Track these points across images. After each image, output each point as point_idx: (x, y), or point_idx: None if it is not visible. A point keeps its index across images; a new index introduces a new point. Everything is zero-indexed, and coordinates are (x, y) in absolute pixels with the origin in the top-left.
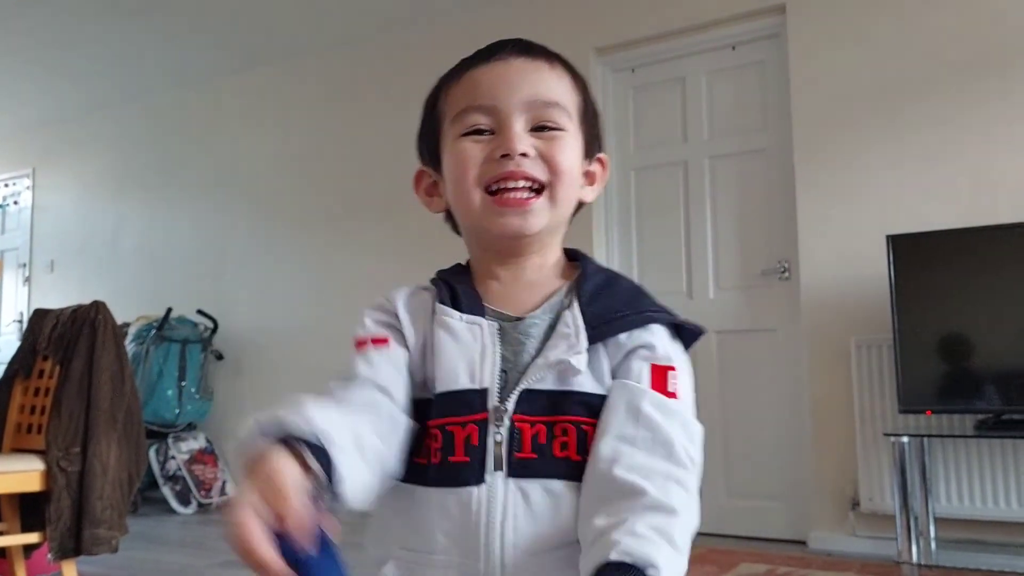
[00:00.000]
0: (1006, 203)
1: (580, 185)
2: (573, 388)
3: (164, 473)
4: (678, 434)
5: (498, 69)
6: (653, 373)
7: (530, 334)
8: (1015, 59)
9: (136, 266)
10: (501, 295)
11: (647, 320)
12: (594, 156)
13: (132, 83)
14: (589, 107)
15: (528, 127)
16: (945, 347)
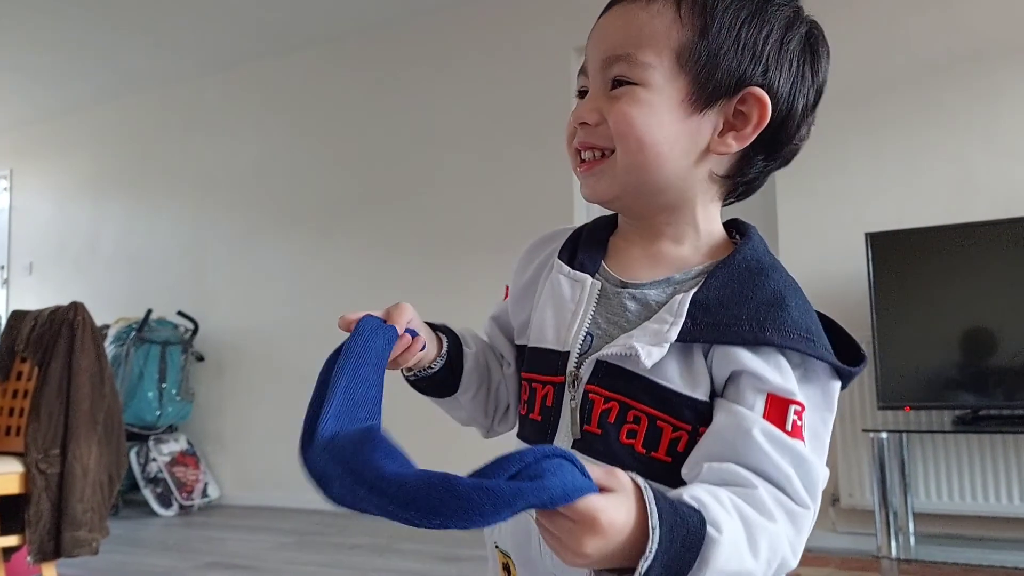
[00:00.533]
0: (983, 201)
1: (694, 140)
2: (655, 378)
3: (145, 475)
4: (790, 471)
5: (599, 23)
6: (769, 403)
7: (631, 306)
8: (989, 60)
9: (115, 268)
10: (626, 257)
11: (763, 342)
12: (725, 97)
13: (110, 83)
14: (710, 39)
15: (607, 86)
16: (923, 344)
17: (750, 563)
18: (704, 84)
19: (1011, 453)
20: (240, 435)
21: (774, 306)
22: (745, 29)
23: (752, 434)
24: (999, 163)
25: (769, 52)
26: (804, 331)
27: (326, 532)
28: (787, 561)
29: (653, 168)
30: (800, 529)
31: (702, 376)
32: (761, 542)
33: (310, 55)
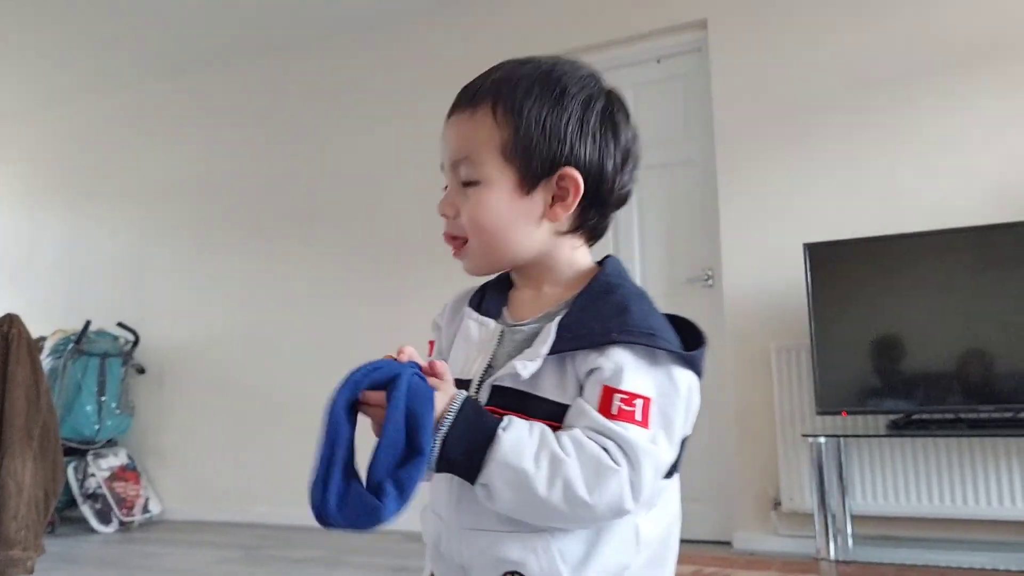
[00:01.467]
0: (912, 213)
1: (530, 216)
2: (535, 392)
3: (83, 491)
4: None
5: (443, 135)
6: (601, 395)
7: (516, 339)
8: (919, 75)
9: (52, 278)
10: (519, 302)
11: (607, 341)
12: (544, 179)
13: (49, 89)
14: (523, 137)
15: (459, 183)
16: (859, 351)
17: (529, 466)
18: (527, 171)
19: (942, 456)
20: (182, 449)
21: (619, 313)
22: (548, 120)
23: (576, 425)
24: (928, 176)
25: (571, 134)
26: (646, 328)
27: (272, 546)
28: (575, 489)
29: (503, 246)
30: (604, 478)
31: (571, 384)
32: (542, 456)
33: (260, 64)
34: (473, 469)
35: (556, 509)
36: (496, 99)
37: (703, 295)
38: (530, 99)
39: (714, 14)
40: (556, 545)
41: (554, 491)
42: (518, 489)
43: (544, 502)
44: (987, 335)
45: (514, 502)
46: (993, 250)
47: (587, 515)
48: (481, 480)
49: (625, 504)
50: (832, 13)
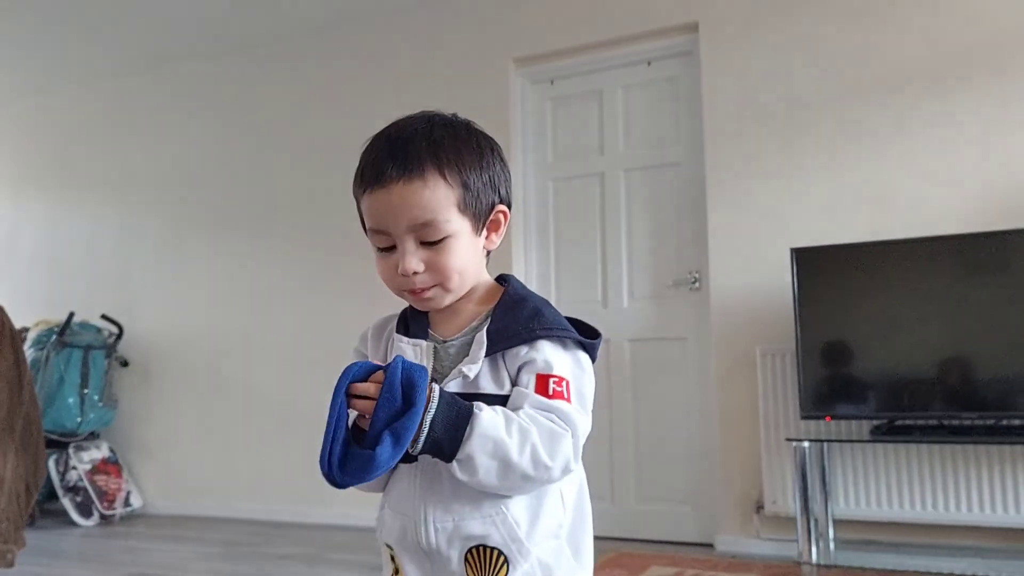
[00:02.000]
0: (899, 220)
1: (479, 250)
2: (478, 391)
3: (64, 484)
4: (552, 416)
5: (382, 198)
6: (537, 381)
7: (451, 351)
8: (909, 83)
9: (35, 269)
10: (440, 321)
11: (535, 337)
12: (488, 218)
13: (31, 78)
14: (472, 191)
15: (417, 242)
16: (844, 356)
17: (504, 435)
18: (477, 217)
19: (925, 462)
20: (166, 442)
21: (535, 316)
22: (484, 175)
23: (525, 404)
24: (915, 183)
25: (497, 181)
26: (557, 325)
27: (254, 542)
28: (539, 454)
29: (466, 283)
30: (558, 441)
31: (505, 377)
32: (512, 427)
33: (243, 56)
34: (456, 443)
35: (524, 472)
36: (439, 165)
37: (689, 298)
38: (465, 161)
39: (705, 17)
40: (511, 515)
41: (524, 456)
42: (495, 456)
43: (516, 466)
44: (970, 342)
45: (491, 469)
46: (977, 257)
47: (545, 476)
48: (461, 455)
49: (571, 464)
50: (822, 19)
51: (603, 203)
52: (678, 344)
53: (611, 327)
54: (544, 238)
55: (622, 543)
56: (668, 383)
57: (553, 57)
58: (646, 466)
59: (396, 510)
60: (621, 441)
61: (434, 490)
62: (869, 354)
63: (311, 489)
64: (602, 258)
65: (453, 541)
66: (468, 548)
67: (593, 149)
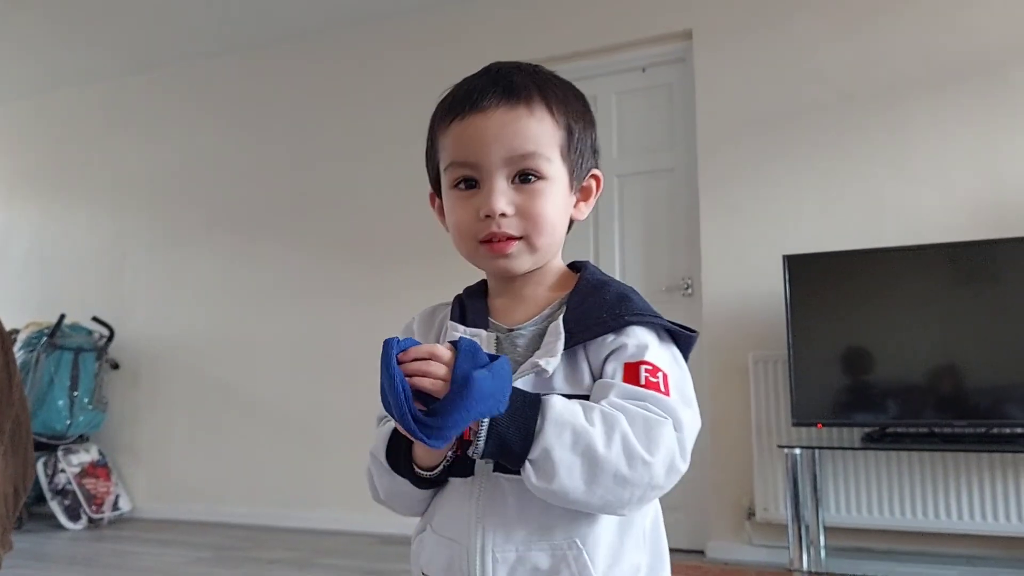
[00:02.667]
0: (892, 227)
1: (568, 213)
2: (549, 390)
3: (53, 487)
4: (647, 403)
5: (478, 123)
6: (625, 370)
7: (519, 343)
8: (902, 92)
9: (27, 271)
10: (504, 309)
11: (623, 323)
12: (584, 178)
13: (27, 78)
14: (576, 137)
15: (510, 178)
16: (836, 364)
17: (584, 423)
18: (576, 172)
19: (916, 469)
20: (155, 446)
21: (623, 300)
22: (587, 127)
23: (610, 394)
24: (907, 192)
25: (596, 143)
26: (650, 312)
27: (244, 547)
28: (633, 446)
29: (556, 243)
30: (657, 430)
31: (585, 374)
32: (594, 415)
33: (236, 59)
34: (527, 437)
35: (618, 471)
36: (546, 99)
37: (682, 304)
38: (571, 106)
39: (699, 25)
40: (586, 552)
41: (613, 447)
42: (576, 450)
43: (606, 461)
44: (962, 350)
45: (573, 468)
46: (969, 266)
47: (647, 477)
48: (535, 452)
49: (677, 460)
50: (816, 27)
51: (596, 209)
52: None
53: None
54: None
55: None
56: None
57: (548, 63)
58: None
59: (443, 535)
60: None
61: (495, 511)
62: (862, 361)
63: (301, 493)
64: (595, 263)
65: (514, 574)
66: None
67: None
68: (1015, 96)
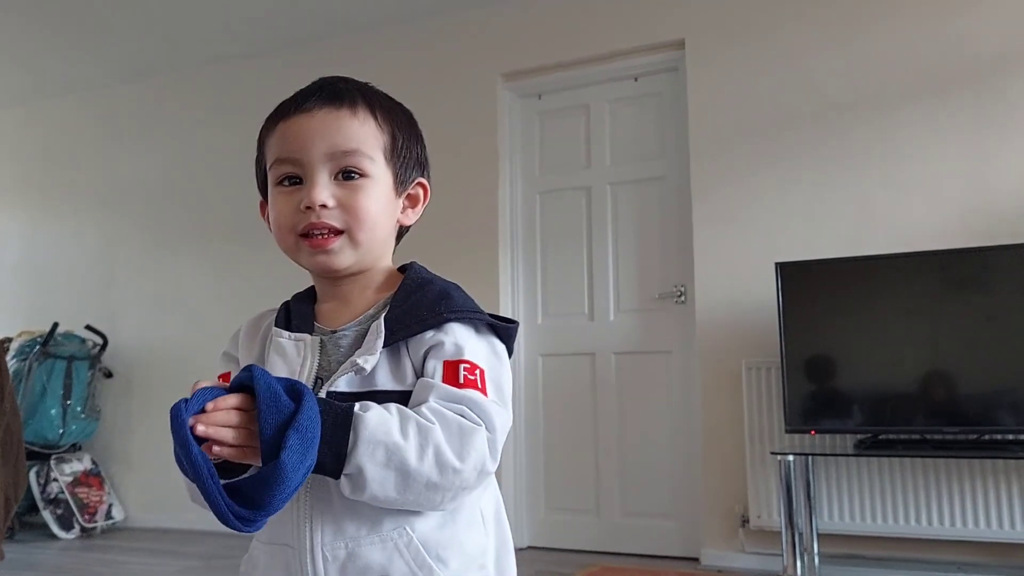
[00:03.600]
0: (883, 235)
1: (394, 216)
2: (374, 388)
3: (45, 496)
4: (463, 408)
5: (302, 122)
6: (444, 369)
7: (342, 343)
8: (893, 101)
9: (19, 279)
10: (328, 313)
11: (443, 320)
12: (410, 184)
13: (16, 86)
14: (400, 143)
15: (332, 175)
16: (828, 370)
17: (398, 439)
18: (401, 174)
19: (908, 476)
20: (148, 455)
21: (443, 298)
22: (412, 136)
23: (430, 396)
24: (896, 200)
25: (422, 153)
26: (469, 308)
27: (235, 556)
28: (445, 456)
29: (378, 242)
30: (469, 438)
31: (408, 370)
32: (409, 427)
33: (228, 67)
34: (340, 454)
35: (429, 480)
36: (372, 105)
37: (674, 311)
38: (395, 114)
39: (692, 34)
40: (417, 538)
41: (426, 460)
42: (389, 465)
43: (417, 474)
44: (953, 357)
45: (386, 482)
46: (960, 273)
47: (457, 482)
48: (348, 468)
49: (487, 464)
50: (808, 36)
51: (589, 217)
52: (663, 357)
53: (597, 340)
54: (530, 251)
55: (606, 557)
56: (653, 396)
57: (541, 72)
58: (631, 479)
59: (276, 542)
60: (606, 454)
61: (323, 509)
62: (853, 368)
63: None
64: (588, 271)
65: (346, 574)
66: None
67: (580, 163)
68: (1005, 105)
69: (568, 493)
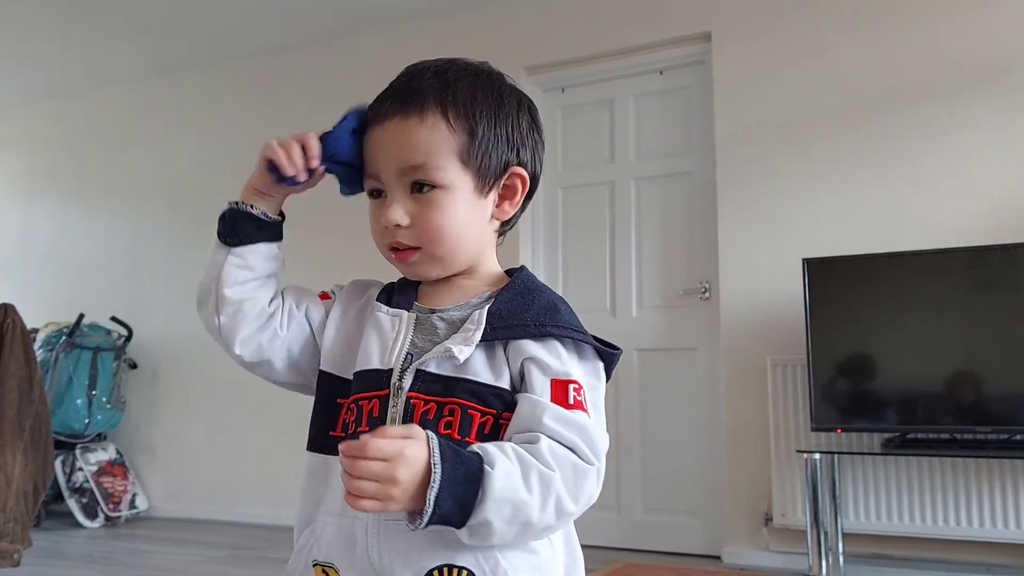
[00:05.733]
0: (911, 231)
1: (482, 217)
2: (465, 376)
3: (70, 485)
4: (575, 439)
5: (377, 135)
6: (553, 388)
7: (441, 325)
8: (921, 95)
9: (46, 270)
10: (431, 292)
11: (546, 334)
12: (501, 178)
13: (48, 82)
14: (479, 140)
15: (407, 189)
16: (855, 368)
17: (524, 495)
18: (484, 174)
19: (936, 476)
20: (172, 445)
21: (550, 310)
22: (500, 125)
23: (544, 418)
24: (926, 197)
25: (517, 136)
26: (574, 326)
27: (259, 546)
28: (564, 503)
29: (459, 252)
30: (583, 480)
31: (503, 368)
32: (532, 479)
33: (255, 62)
34: (467, 512)
35: (547, 527)
36: (444, 105)
37: (699, 308)
38: (476, 105)
39: (718, 27)
40: None
41: (547, 511)
42: (514, 521)
43: (539, 523)
44: (983, 356)
45: (507, 534)
46: (990, 271)
47: (568, 520)
48: (473, 521)
49: (594, 498)
50: (836, 29)
51: (613, 212)
52: (687, 354)
53: (620, 336)
54: (552, 246)
55: (628, 554)
56: (677, 393)
57: (564, 65)
58: (653, 476)
59: (345, 514)
60: (628, 451)
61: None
62: (881, 366)
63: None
64: (611, 267)
65: (411, 556)
66: (428, 570)
67: (603, 158)
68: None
69: None
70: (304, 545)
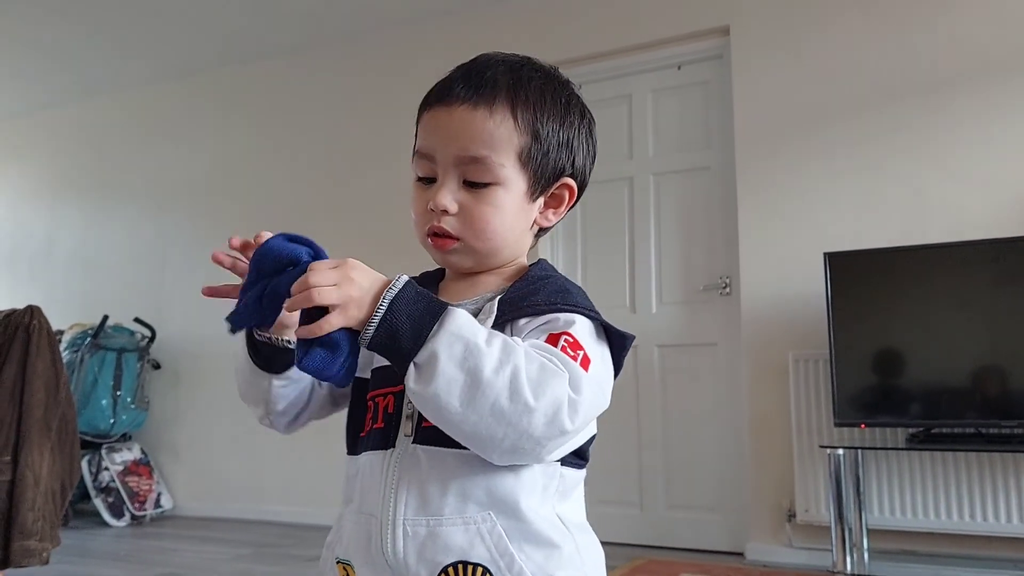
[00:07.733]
0: (935, 224)
1: (527, 220)
2: None
3: (96, 484)
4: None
5: (441, 117)
6: (547, 337)
7: None
8: (943, 86)
9: (71, 272)
10: (451, 288)
11: (556, 310)
12: (551, 187)
13: (69, 86)
14: (541, 144)
15: (461, 178)
16: (879, 363)
17: (481, 343)
18: (539, 179)
19: (962, 471)
20: (196, 445)
21: (561, 292)
22: (563, 132)
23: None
24: (950, 188)
25: (576, 146)
26: (586, 306)
27: (283, 544)
28: (520, 383)
29: (499, 251)
30: (550, 378)
31: None
32: (495, 340)
33: (273, 64)
34: (419, 337)
35: (497, 401)
36: (514, 103)
37: (720, 303)
38: (544, 109)
39: (737, 21)
40: (499, 523)
41: (501, 375)
42: (463, 366)
43: (488, 387)
44: (1008, 349)
45: (454, 383)
46: (1015, 263)
47: (526, 420)
48: (422, 355)
49: (563, 416)
50: (856, 20)
51: (632, 207)
52: (708, 350)
53: (640, 332)
54: (572, 242)
55: (651, 550)
56: (698, 389)
57: (582, 61)
58: (675, 473)
59: (362, 511)
60: (650, 447)
61: (409, 480)
62: (905, 360)
63: (340, 491)
64: (631, 263)
65: (424, 553)
66: (443, 567)
67: (622, 153)
68: None
69: (612, 486)
70: (331, 542)
